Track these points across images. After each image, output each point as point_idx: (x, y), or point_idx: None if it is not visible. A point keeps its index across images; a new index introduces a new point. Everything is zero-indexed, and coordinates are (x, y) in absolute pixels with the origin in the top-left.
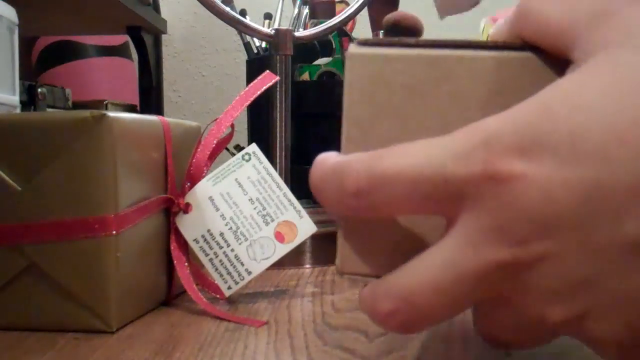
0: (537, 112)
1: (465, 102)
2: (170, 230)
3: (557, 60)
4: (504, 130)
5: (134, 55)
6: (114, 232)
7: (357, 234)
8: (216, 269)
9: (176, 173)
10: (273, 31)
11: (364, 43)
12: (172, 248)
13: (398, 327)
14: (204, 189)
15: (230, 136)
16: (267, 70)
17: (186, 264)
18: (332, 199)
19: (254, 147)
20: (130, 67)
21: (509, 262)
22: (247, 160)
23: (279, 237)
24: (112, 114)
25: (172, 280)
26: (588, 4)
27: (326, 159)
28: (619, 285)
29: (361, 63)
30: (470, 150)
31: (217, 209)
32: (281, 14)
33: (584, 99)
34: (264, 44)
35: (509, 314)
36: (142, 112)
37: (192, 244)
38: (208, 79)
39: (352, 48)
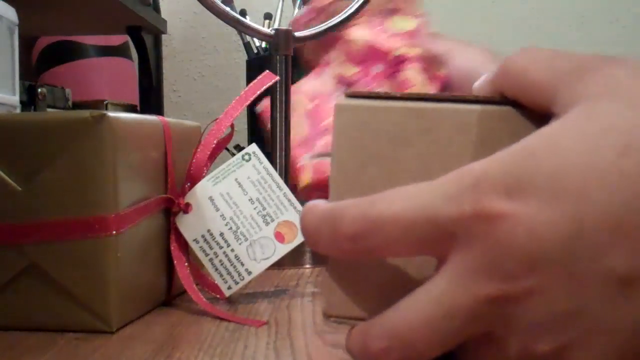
0: (521, 155)
1: (448, 151)
2: (170, 230)
3: (535, 114)
4: (491, 172)
5: (134, 55)
6: (114, 232)
7: (346, 277)
8: (216, 269)
9: (176, 173)
10: (273, 31)
11: (352, 95)
12: (172, 248)
13: None
14: (204, 189)
15: (230, 136)
16: (267, 70)
17: (186, 264)
18: (326, 242)
19: (254, 147)
20: (130, 67)
21: (499, 297)
22: (247, 160)
23: (279, 237)
24: (112, 114)
25: (172, 280)
26: (569, 62)
27: (317, 205)
28: (602, 317)
29: (349, 114)
30: (461, 192)
31: (217, 209)
32: (281, 14)
33: (564, 142)
34: (264, 44)
35: (495, 350)
36: (142, 112)
37: (192, 244)
38: (208, 79)
39: (341, 100)
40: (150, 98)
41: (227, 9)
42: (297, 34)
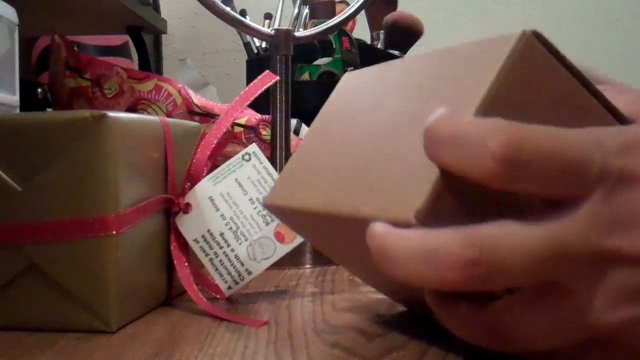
0: None
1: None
2: (170, 230)
3: None
4: None
5: (134, 55)
6: (114, 232)
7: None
8: (216, 269)
9: (176, 173)
10: (273, 31)
11: (539, 36)
12: (172, 248)
13: (469, 280)
14: (204, 189)
15: (230, 136)
16: (267, 70)
17: (186, 264)
18: (467, 156)
19: (254, 147)
20: (130, 67)
21: (612, 253)
22: (247, 160)
23: (279, 237)
24: (112, 114)
25: (172, 280)
26: None
27: (457, 116)
28: None
29: (527, 49)
30: (619, 147)
31: (217, 209)
32: (281, 14)
33: None
34: (264, 44)
35: (560, 306)
36: None
37: (192, 244)
38: (208, 79)
39: (528, 33)
40: None
41: (227, 9)
42: (297, 34)
